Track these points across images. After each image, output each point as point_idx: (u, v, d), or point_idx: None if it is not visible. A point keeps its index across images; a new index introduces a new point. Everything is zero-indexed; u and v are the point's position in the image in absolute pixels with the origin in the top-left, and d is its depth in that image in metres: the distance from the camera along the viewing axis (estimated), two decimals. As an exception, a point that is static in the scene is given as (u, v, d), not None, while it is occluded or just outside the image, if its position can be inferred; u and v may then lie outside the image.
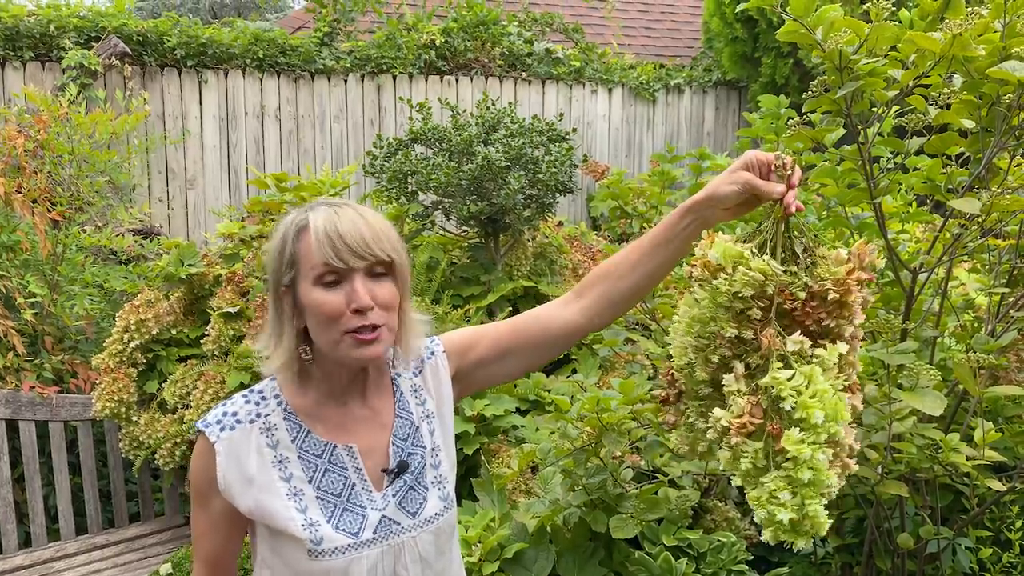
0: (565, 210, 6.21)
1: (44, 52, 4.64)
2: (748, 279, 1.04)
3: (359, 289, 1.16)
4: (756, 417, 1.03)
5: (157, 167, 5.07)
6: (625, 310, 1.35)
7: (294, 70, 5.42)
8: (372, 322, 1.17)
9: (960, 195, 1.78)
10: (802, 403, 1.01)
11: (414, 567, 1.24)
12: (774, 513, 1.01)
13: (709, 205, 1.22)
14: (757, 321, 1.05)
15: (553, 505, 2.12)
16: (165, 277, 3.28)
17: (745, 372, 1.07)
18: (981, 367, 1.80)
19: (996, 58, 1.60)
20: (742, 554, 2.16)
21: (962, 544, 2.19)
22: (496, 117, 3.85)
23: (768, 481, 1.01)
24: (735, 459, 1.05)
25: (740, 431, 1.02)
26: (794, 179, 1.15)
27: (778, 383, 1.01)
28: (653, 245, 1.27)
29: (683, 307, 1.13)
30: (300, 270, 1.19)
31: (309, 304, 1.18)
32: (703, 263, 1.09)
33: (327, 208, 1.20)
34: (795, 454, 1.00)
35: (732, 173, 1.20)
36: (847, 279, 1.05)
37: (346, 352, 1.18)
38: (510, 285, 3.61)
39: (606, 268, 1.32)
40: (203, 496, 1.24)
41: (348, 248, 1.15)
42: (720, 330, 1.07)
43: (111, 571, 2.98)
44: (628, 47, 7.36)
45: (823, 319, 1.06)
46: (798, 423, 1.01)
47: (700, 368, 1.11)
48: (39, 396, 3.13)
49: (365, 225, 1.17)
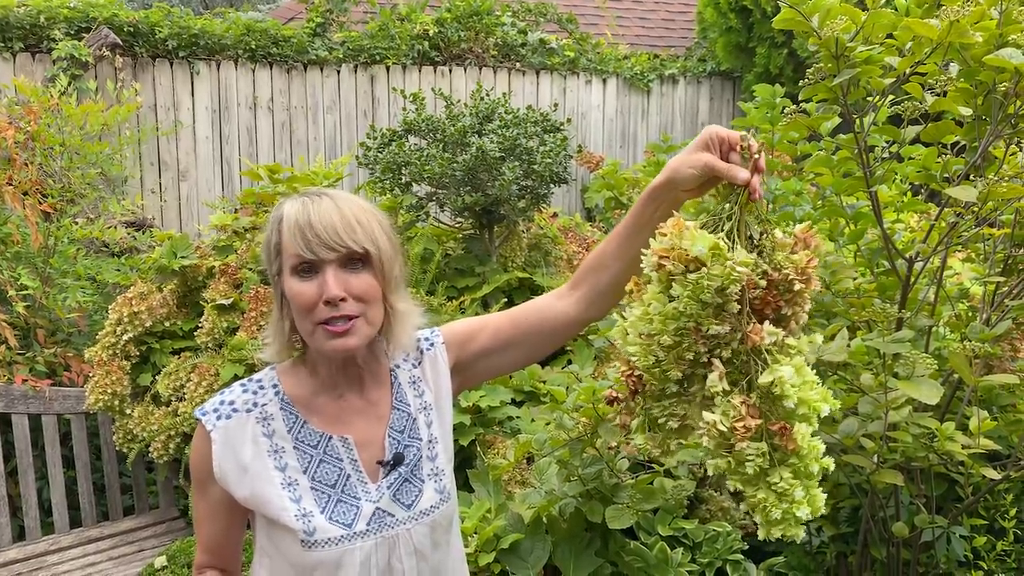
0: (560, 201, 6.20)
1: (34, 43, 4.61)
2: (736, 274, 0.98)
3: (329, 280, 1.15)
4: (755, 417, 0.99)
5: (149, 159, 5.04)
6: (618, 298, 1.33)
7: (287, 61, 5.39)
8: (345, 313, 1.16)
9: (956, 184, 1.78)
10: (806, 399, 0.99)
11: (409, 560, 1.24)
12: (791, 511, 0.99)
13: (670, 188, 1.17)
14: (732, 315, 1.01)
15: (549, 496, 2.12)
16: (158, 269, 3.26)
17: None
18: (976, 356, 1.80)
19: (993, 45, 1.59)
20: (737, 544, 2.17)
21: (956, 532, 2.20)
22: (490, 108, 3.83)
23: (778, 481, 0.99)
24: (739, 464, 1.01)
25: (745, 435, 0.99)
26: (760, 163, 1.09)
27: (782, 382, 0.98)
28: (627, 233, 1.25)
29: (654, 303, 1.04)
30: (283, 260, 1.19)
31: (287, 294, 1.19)
32: (677, 255, 1.01)
33: (304, 198, 1.19)
34: (808, 450, 0.98)
35: (691, 154, 1.14)
36: (807, 267, 1.01)
37: (320, 344, 1.18)
38: (505, 276, 3.60)
39: (593, 259, 1.31)
40: (201, 484, 1.24)
41: (318, 239, 1.15)
42: (699, 326, 1.01)
43: (105, 564, 2.97)
44: (622, 37, 7.34)
45: (781, 307, 1.03)
46: (800, 418, 0.99)
47: (673, 367, 1.04)
48: (32, 389, 3.11)
49: (339, 215, 1.16)
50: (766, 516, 1.01)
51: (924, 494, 2.16)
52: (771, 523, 1.01)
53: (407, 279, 1.34)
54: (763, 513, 1.01)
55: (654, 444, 1.13)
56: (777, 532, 1.01)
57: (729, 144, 1.11)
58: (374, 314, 1.20)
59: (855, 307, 2.01)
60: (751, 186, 1.07)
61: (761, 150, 1.10)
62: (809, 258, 1.02)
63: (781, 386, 0.98)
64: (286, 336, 1.23)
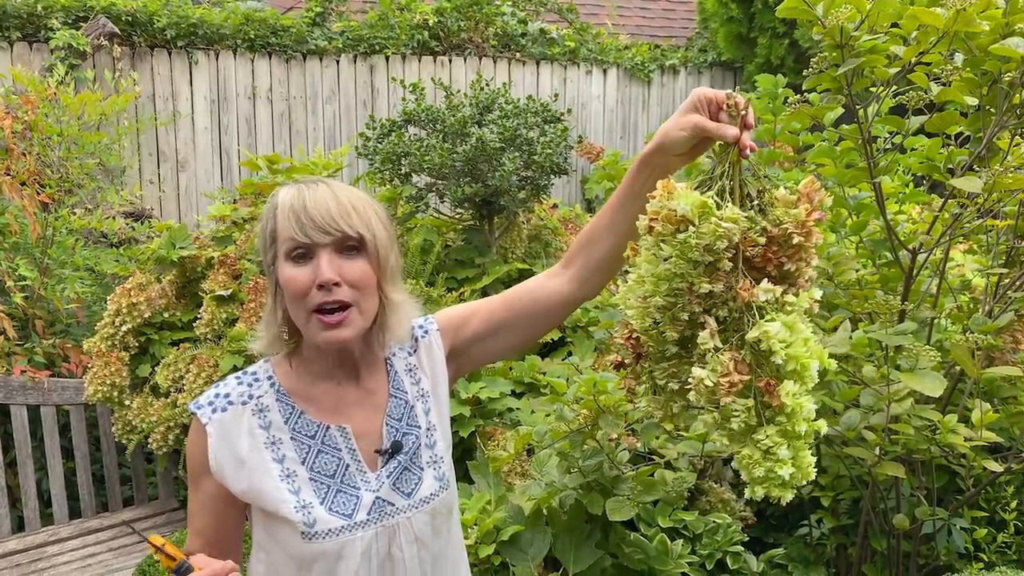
0: (560, 192, 6.18)
1: (31, 32, 4.58)
2: (721, 231, 0.97)
3: (322, 264, 1.14)
4: (743, 373, 0.98)
5: (148, 149, 5.02)
6: (613, 273, 1.32)
7: (286, 51, 5.36)
8: (338, 298, 1.15)
9: (960, 174, 1.77)
10: (795, 355, 0.97)
11: (409, 548, 1.23)
12: (774, 470, 0.98)
13: (661, 153, 1.17)
14: (725, 273, 1.00)
15: (549, 487, 2.11)
16: (157, 260, 3.25)
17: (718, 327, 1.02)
18: (978, 348, 1.79)
19: (999, 34, 1.58)
20: (738, 535, 2.16)
21: (957, 525, 2.20)
22: (490, 98, 3.81)
23: (763, 438, 0.98)
24: (725, 420, 1.00)
25: (730, 390, 0.98)
26: (748, 119, 1.08)
27: (767, 337, 0.97)
28: (620, 204, 1.24)
29: (644, 265, 1.05)
30: (277, 247, 1.18)
31: (281, 281, 1.18)
32: (664, 216, 1.01)
33: (300, 185, 1.18)
34: (794, 407, 0.97)
35: (681, 117, 1.13)
36: (807, 220, 1.00)
37: (314, 335, 1.17)
38: (505, 268, 3.59)
39: (586, 235, 1.30)
40: (196, 476, 1.24)
41: (313, 223, 1.14)
42: (691, 286, 1.01)
43: (105, 555, 2.97)
44: (623, 27, 7.31)
45: (783, 264, 1.01)
46: (789, 375, 0.98)
47: (669, 328, 1.04)
48: (30, 380, 3.10)
49: (334, 201, 1.16)
50: (749, 473, 1.00)
51: (925, 486, 2.15)
52: (755, 481, 1.00)
53: (407, 270, 1.33)
54: (747, 470, 1.00)
55: (657, 407, 1.14)
56: (761, 491, 1.00)
57: (717, 104, 1.11)
58: (368, 303, 1.19)
59: (857, 299, 2.01)
60: (741, 142, 1.06)
61: (748, 106, 1.09)
62: (809, 211, 1.00)
63: (768, 341, 0.97)
64: (277, 327, 1.22)
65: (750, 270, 1.02)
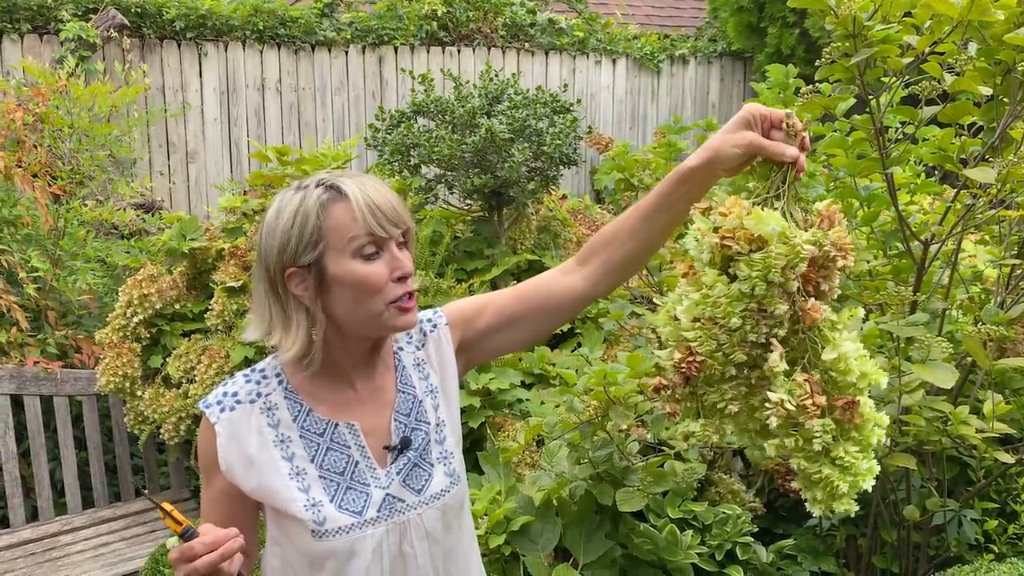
0: (569, 183, 6.17)
1: (42, 24, 4.59)
2: (805, 252, 0.99)
3: (400, 256, 1.16)
4: (819, 394, 1.00)
5: (158, 140, 5.03)
6: (627, 276, 1.32)
7: (294, 42, 5.36)
8: (411, 289, 1.18)
9: (973, 165, 1.76)
10: (867, 372, 1.01)
11: (420, 544, 1.23)
12: (857, 483, 1.01)
13: (708, 168, 1.14)
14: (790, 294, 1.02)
15: (559, 478, 2.12)
16: (167, 251, 3.26)
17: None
18: (990, 339, 1.78)
19: (1013, 23, 1.56)
20: (747, 526, 2.16)
21: (968, 516, 2.19)
22: (499, 88, 3.80)
23: (844, 455, 1.01)
24: (807, 441, 1.02)
25: (814, 412, 1.00)
26: (806, 141, 1.09)
27: (846, 358, 1.00)
28: (651, 211, 1.22)
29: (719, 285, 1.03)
30: (330, 244, 1.14)
31: (347, 278, 1.14)
32: (744, 236, 1.00)
33: (348, 179, 1.16)
34: (878, 422, 1.01)
35: (734, 133, 1.11)
36: (843, 241, 1.02)
37: (389, 322, 1.17)
38: (514, 259, 3.59)
39: (607, 234, 1.28)
40: (207, 473, 1.24)
41: (386, 217, 1.14)
42: (763, 307, 1.01)
43: (118, 544, 3.00)
44: (632, 17, 7.27)
45: (820, 284, 1.03)
46: (860, 391, 1.01)
47: (736, 350, 1.03)
48: (43, 371, 3.12)
49: (391, 193, 1.17)
50: (832, 491, 1.02)
51: (936, 477, 2.15)
52: (836, 498, 1.02)
53: (416, 261, 1.34)
54: (828, 489, 1.02)
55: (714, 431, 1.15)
56: (841, 508, 1.03)
57: (771, 122, 1.11)
58: None
59: (869, 290, 2.00)
60: (799, 163, 1.07)
61: (807, 127, 1.10)
62: (842, 234, 1.02)
63: (845, 361, 1.00)
64: (307, 332, 1.17)
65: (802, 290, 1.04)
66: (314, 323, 1.17)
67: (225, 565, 1.05)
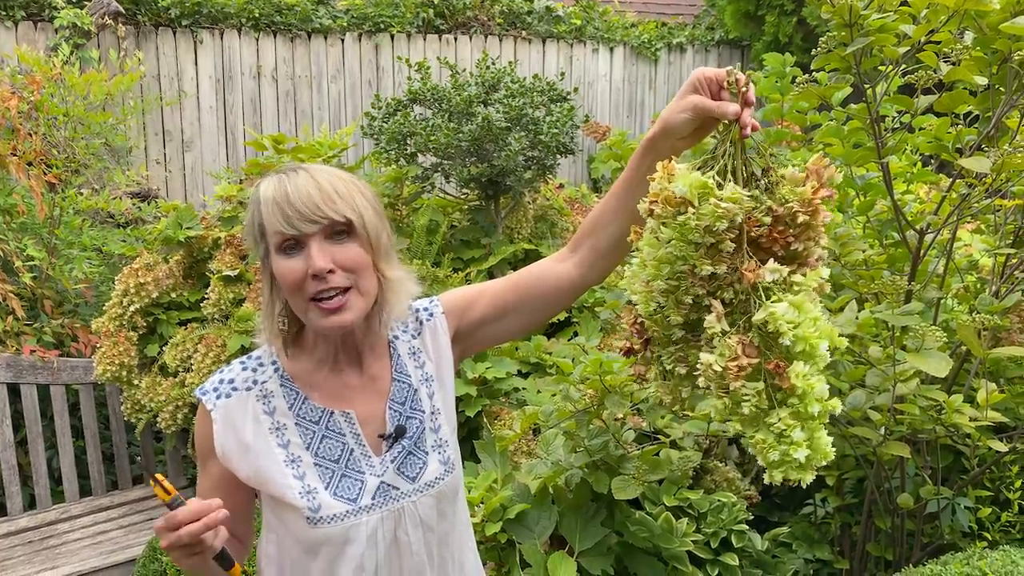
0: (566, 172, 6.16)
1: (36, 11, 4.56)
2: (721, 211, 0.95)
3: (313, 254, 1.13)
4: (751, 357, 0.97)
5: (153, 129, 5.02)
6: (618, 259, 1.31)
7: (291, 29, 5.33)
8: (335, 285, 1.14)
9: (969, 154, 1.76)
10: (803, 335, 0.95)
11: (415, 531, 1.24)
12: (789, 453, 0.96)
13: (665, 138, 1.15)
14: (729, 254, 0.99)
15: (555, 466, 2.13)
16: (164, 240, 3.26)
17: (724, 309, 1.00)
18: (985, 328, 1.79)
19: (1009, 13, 1.56)
20: (742, 514, 2.17)
21: (961, 504, 2.20)
22: (496, 77, 3.79)
23: (776, 421, 0.97)
24: (736, 404, 0.99)
25: (740, 374, 0.96)
26: (749, 96, 1.06)
27: (774, 318, 0.95)
28: (625, 189, 1.23)
29: (646, 248, 1.03)
30: (267, 240, 1.17)
31: (276, 273, 1.17)
32: (664, 198, 1.00)
33: (280, 175, 1.17)
34: (805, 389, 0.96)
35: (681, 99, 1.12)
36: (813, 199, 0.98)
37: (315, 322, 1.16)
38: (511, 248, 3.59)
39: (592, 219, 1.29)
40: (203, 460, 1.25)
41: (298, 213, 1.12)
42: (693, 268, 1.00)
43: (116, 532, 3.01)
44: (629, 5, 7.24)
45: (791, 243, 1.00)
46: (799, 356, 0.96)
47: (673, 312, 1.03)
48: (40, 360, 3.13)
49: (316, 188, 1.14)
50: (765, 457, 0.99)
51: (930, 465, 2.16)
52: (772, 465, 0.99)
53: (413, 250, 1.33)
54: (762, 454, 0.99)
55: (666, 392, 1.13)
56: (779, 475, 0.99)
57: (717, 83, 1.10)
58: (366, 284, 1.18)
59: (864, 279, 2.00)
60: (742, 120, 1.04)
61: (748, 82, 1.07)
62: (815, 189, 0.98)
63: (775, 323, 0.95)
64: (275, 318, 1.21)
65: (757, 251, 1.00)
66: (285, 311, 1.21)
67: (208, 536, 1.06)
